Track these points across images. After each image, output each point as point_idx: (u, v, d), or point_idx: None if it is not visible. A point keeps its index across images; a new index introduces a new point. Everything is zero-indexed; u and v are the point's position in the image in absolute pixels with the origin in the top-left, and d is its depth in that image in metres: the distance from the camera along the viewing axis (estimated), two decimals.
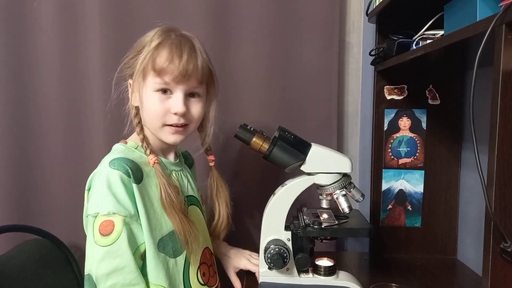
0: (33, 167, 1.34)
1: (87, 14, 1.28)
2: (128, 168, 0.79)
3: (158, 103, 0.84)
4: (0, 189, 1.32)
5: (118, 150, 0.87)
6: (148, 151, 0.85)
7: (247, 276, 1.05)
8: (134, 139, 0.90)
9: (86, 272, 0.79)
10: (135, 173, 0.80)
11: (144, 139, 0.86)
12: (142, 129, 0.88)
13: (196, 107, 0.87)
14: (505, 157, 0.58)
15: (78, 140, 1.33)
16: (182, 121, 0.85)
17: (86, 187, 0.84)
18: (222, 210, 0.99)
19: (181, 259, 0.85)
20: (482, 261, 0.61)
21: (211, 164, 1.00)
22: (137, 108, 0.88)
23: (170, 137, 0.87)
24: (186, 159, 1.05)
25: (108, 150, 0.89)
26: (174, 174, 0.92)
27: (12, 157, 1.32)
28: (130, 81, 0.88)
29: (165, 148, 0.93)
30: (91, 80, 1.30)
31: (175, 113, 0.84)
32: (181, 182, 0.94)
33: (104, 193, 0.77)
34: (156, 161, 0.84)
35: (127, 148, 0.88)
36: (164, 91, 0.84)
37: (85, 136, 1.33)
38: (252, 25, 1.27)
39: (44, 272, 1.08)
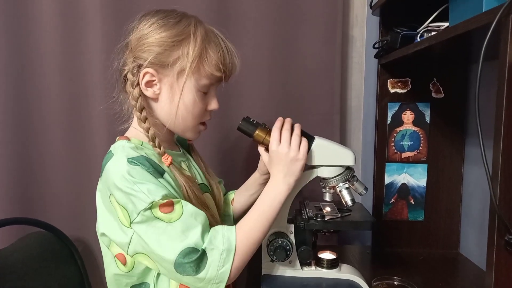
0: (35, 161, 1.34)
1: (88, 10, 1.28)
2: (150, 164, 0.74)
3: (200, 103, 0.81)
4: (2, 183, 1.32)
5: (125, 148, 0.77)
6: (161, 149, 0.79)
7: (249, 270, 1.05)
8: (135, 135, 0.83)
9: (182, 249, 0.71)
10: (158, 168, 0.76)
11: (154, 134, 0.80)
12: (149, 123, 0.80)
13: None
14: (510, 149, 0.58)
15: (80, 134, 1.33)
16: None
17: (106, 192, 0.76)
18: (216, 186, 0.96)
19: None
20: (486, 254, 0.61)
21: (190, 141, 0.98)
22: (145, 99, 0.81)
23: (196, 134, 0.86)
24: (182, 145, 0.99)
25: (109, 144, 0.84)
26: (183, 165, 0.89)
27: (15, 151, 1.33)
28: (149, 69, 0.78)
29: (170, 140, 0.90)
30: (92, 76, 1.30)
31: (211, 110, 0.84)
32: (192, 171, 0.91)
33: (139, 187, 0.71)
34: (171, 161, 0.79)
35: (136, 145, 0.79)
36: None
37: (87, 130, 1.33)
38: (254, 19, 1.27)
39: (47, 265, 1.08)
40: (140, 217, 0.71)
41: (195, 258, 0.71)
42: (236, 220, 1.03)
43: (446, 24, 0.84)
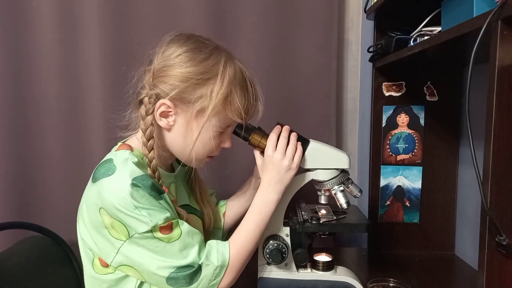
0: (32, 164, 1.34)
1: (86, 12, 1.28)
2: (152, 185, 0.72)
3: (214, 141, 0.80)
4: None
5: (129, 163, 0.73)
6: (160, 182, 0.76)
7: (246, 272, 1.05)
8: (137, 146, 0.80)
9: (177, 266, 0.72)
10: (159, 188, 0.74)
11: (155, 166, 0.76)
12: (154, 153, 0.76)
13: None
14: (501, 152, 0.58)
15: (78, 137, 1.33)
16: None
17: (96, 203, 0.73)
18: (207, 211, 0.96)
19: None
20: (478, 255, 0.62)
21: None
22: (157, 126, 0.78)
23: (202, 165, 0.86)
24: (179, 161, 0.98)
25: (107, 147, 0.84)
26: (172, 186, 0.87)
27: (12, 155, 1.33)
28: (167, 102, 0.75)
29: (167, 162, 0.88)
30: (90, 78, 1.31)
31: (223, 148, 0.85)
32: (177, 193, 0.90)
33: (140, 212, 0.70)
34: (166, 191, 0.77)
35: (138, 161, 0.75)
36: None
37: (85, 134, 1.33)
38: (251, 23, 1.28)
39: (44, 270, 1.08)
40: (139, 236, 0.71)
41: (191, 272, 0.73)
42: (226, 231, 1.04)
43: (439, 29, 0.86)
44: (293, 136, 0.87)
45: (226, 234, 1.04)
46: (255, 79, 0.83)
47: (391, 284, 0.98)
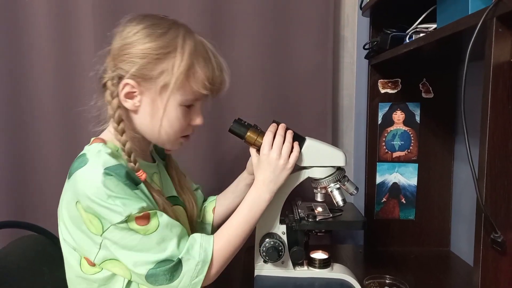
0: (28, 163, 1.33)
1: (80, 10, 1.28)
2: (127, 173, 0.71)
3: (183, 117, 0.78)
4: None
5: (102, 154, 0.73)
6: (136, 165, 0.75)
7: (244, 270, 1.06)
8: (111, 140, 0.78)
9: (159, 260, 0.70)
10: (135, 178, 0.73)
11: (130, 149, 0.75)
12: (125, 134, 0.75)
13: None
14: (496, 149, 0.59)
15: (74, 137, 1.33)
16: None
17: (72, 197, 0.72)
18: (187, 198, 0.94)
19: None
20: (473, 252, 0.62)
21: (168, 152, 0.95)
22: (125, 110, 0.77)
23: (177, 146, 0.84)
24: (159, 153, 0.97)
25: None
26: (155, 177, 0.86)
27: (7, 153, 1.32)
28: (130, 81, 0.74)
29: (146, 150, 0.87)
30: (84, 77, 1.30)
31: (195, 125, 0.82)
32: (163, 184, 0.89)
33: (113, 201, 0.68)
34: (145, 178, 0.75)
35: (112, 152, 0.75)
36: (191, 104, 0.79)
37: (80, 133, 1.32)
38: (247, 21, 1.27)
39: (40, 269, 1.08)
40: (114, 227, 0.69)
41: (170, 266, 0.71)
42: (216, 227, 1.02)
43: (434, 26, 0.86)
44: (289, 134, 0.86)
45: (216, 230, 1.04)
46: (217, 52, 0.80)
47: (387, 281, 0.99)
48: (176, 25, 0.77)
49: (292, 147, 0.86)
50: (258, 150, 0.87)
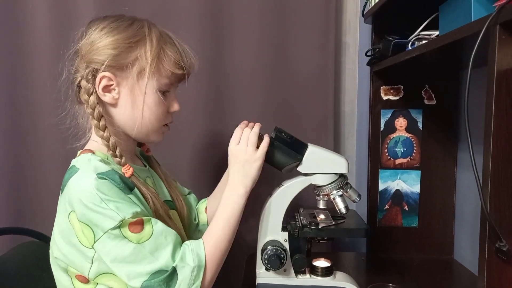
0: (28, 169, 1.33)
1: (82, 14, 1.28)
2: (120, 178, 0.71)
3: (161, 104, 0.79)
4: None
5: (92, 161, 0.73)
6: (122, 160, 0.75)
7: (245, 278, 1.05)
8: (99, 148, 0.78)
9: (150, 272, 0.69)
10: (128, 183, 0.73)
11: (114, 143, 0.76)
12: (107, 130, 0.76)
13: None
14: (500, 156, 0.58)
15: (74, 142, 1.32)
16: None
17: (65, 209, 0.71)
18: (175, 195, 0.93)
19: None
20: (478, 261, 0.61)
21: (149, 153, 0.96)
22: (103, 106, 0.78)
23: (161, 136, 0.85)
24: (146, 159, 0.96)
25: None
26: (148, 181, 0.86)
27: (7, 159, 1.32)
28: (106, 73, 0.75)
29: (132, 153, 0.87)
30: None
31: (174, 112, 0.83)
32: (157, 188, 0.89)
33: (107, 205, 0.68)
34: (132, 172, 0.76)
35: (102, 159, 0.75)
36: (166, 90, 0.81)
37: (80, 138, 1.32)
38: (248, 26, 1.27)
39: (40, 275, 1.07)
40: (107, 236, 0.68)
41: (165, 277, 0.69)
42: None
43: (437, 33, 0.85)
44: (256, 126, 0.87)
45: None
46: (179, 39, 0.83)
47: None
48: (138, 19, 0.81)
49: (263, 138, 0.86)
50: None
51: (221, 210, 0.81)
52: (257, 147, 0.86)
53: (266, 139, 0.86)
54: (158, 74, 0.77)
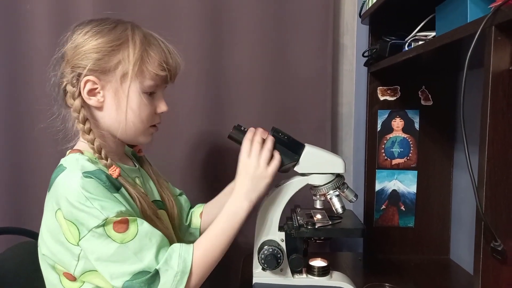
0: (25, 169, 1.33)
1: (81, 16, 1.27)
2: (106, 178, 0.71)
3: (148, 105, 0.80)
4: None
5: (80, 161, 0.74)
6: (108, 161, 0.76)
7: (242, 278, 1.05)
8: (87, 149, 0.79)
9: (135, 272, 0.69)
10: (114, 183, 0.73)
11: (99, 145, 0.76)
12: (94, 134, 0.77)
13: None
14: (496, 157, 0.58)
15: (71, 142, 1.32)
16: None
17: (53, 207, 0.72)
18: (166, 195, 0.93)
19: None
20: (473, 261, 0.62)
21: (141, 154, 0.96)
22: (89, 110, 0.79)
23: (149, 137, 0.85)
24: (137, 159, 0.96)
25: None
26: (137, 181, 0.86)
27: (5, 159, 1.31)
28: (90, 77, 0.75)
29: (120, 153, 0.87)
30: None
31: (161, 113, 0.83)
32: (147, 188, 0.89)
33: (91, 203, 0.68)
34: (119, 173, 0.76)
35: (90, 159, 0.76)
36: (152, 92, 0.81)
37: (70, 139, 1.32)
38: (246, 28, 1.28)
39: (37, 275, 1.07)
40: (91, 234, 0.68)
41: (147, 278, 0.69)
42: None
43: (433, 34, 0.86)
44: (269, 141, 0.85)
45: None
46: (165, 40, 0.83)
47: None
48: (122, 21, 0.80)
49: (273, 155, 0.84)
50: None
51: (220, 218, 0.80)
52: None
53: (277, 157, 0.84)
54: (141, 76, 0.77)
